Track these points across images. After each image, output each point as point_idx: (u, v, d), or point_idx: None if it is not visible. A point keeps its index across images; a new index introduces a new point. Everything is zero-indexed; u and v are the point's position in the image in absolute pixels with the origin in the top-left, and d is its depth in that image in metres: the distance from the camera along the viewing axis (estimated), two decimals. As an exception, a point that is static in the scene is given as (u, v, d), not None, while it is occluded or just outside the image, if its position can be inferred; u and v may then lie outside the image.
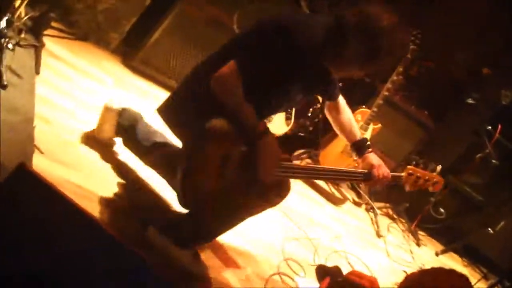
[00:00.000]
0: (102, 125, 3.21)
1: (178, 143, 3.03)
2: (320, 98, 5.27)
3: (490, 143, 5.38)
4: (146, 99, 4.17)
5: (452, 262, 5.68)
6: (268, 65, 2.62)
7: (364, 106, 5.07)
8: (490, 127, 5.47)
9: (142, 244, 2.72)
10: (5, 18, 2.97)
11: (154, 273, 1.83)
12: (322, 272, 3.48)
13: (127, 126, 3.16)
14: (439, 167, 3.04)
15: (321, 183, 5.14)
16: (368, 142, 3.16)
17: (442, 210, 5.61)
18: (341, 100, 3.19)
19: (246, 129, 2.59)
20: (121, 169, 3.20)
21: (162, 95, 4.20)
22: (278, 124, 5.32)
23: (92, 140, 3.21)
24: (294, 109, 5.38)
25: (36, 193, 1.81)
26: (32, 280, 1.73)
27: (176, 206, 3.07)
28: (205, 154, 2.64)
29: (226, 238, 3.14)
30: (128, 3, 4.18)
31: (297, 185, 4.81)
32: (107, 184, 3.03)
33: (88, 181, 2.90)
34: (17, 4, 3.10)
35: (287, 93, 2.85)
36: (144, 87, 4.34)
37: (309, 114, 5.81)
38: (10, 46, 2.99)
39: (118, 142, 3.27)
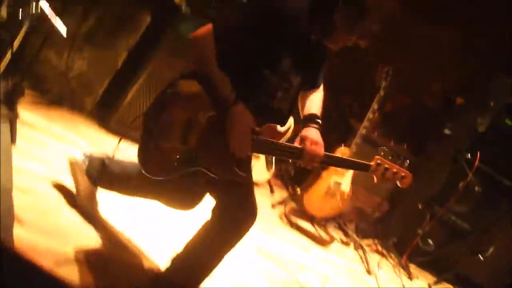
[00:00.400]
0: (78, 184, 3.22)
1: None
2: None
3: (471, 171, 5.42)
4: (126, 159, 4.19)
5: (446, 292, 5.67)
6: (250, 29, 2.56)
7: (343, 146, 5.11)
8: (469, 155, 5.53)
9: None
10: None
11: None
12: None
13: (98, 171, 3.15)
14: (407, 162, 2.96)
15: (307, 225, 5.17)
16: (318, 120, 2.88)
17: (430, 241, 5.64)
18: (321, 87, 3.03)
19: (217, 95, 2.53)
20: (104, 229, 3.21)
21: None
22: (260, 171, 5.35)
23: (74, 202, 3.22)
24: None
25: (16, 270, 1.81)
26: None
27: (160, 263, 3.08)
28: (167, 116, 2.60)
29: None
30: (100, 68, 4.27)
31: (282, 231, 4.83)
32: (91, 247, 3.02)
33: (71, 247, 2.89)
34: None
35: (279, 68, 2.71)
36: (123, 147, 4.36)
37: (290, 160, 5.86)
38: (-16, 121, 3.03)
39: (101, 197, 3.27)
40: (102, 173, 3.15)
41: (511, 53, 5.83)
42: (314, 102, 2.93)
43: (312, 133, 2.78)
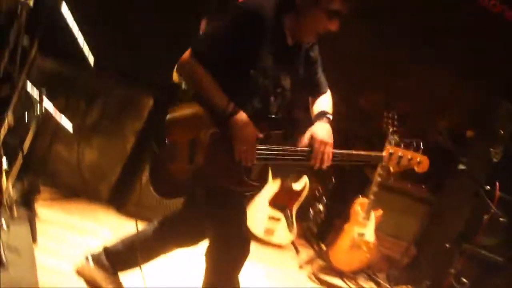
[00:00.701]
0: (98, 285, 3.21)
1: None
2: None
3: (493, 203, 5.38)
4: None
5: (489, 330, 5.54)
6: (224, 38, 2.63)
7: (360, 197, 5.10)
8: (488, 187, 5.49)
9: None
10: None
11: None
12: None
13: (106, 260, 3.17)
14: (421, 146, 2.90)
15: (337, 281, 5.11)
16: (328, 115, 2.88)
17: (464, 280, 5.54)
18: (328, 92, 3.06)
19: (215, 108, 2.60)
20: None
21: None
22: (282, 234, 5.34)
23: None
24: (294, 213, 5.41)
25: None
26: None
27: None
28: (171, 139, 2.66)
29: None
30: (110, 155, 4.35)
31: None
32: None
33: None
34: (4, 184, 3.18)
35: (263, 72, 2.70)
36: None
37: (311, 215, 5.85)
38: (4, 225, 3.05)
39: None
40: (110, 257, 3.17)
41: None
42: (322, 102, 2.96)
43: (321, 129, 2.78)
